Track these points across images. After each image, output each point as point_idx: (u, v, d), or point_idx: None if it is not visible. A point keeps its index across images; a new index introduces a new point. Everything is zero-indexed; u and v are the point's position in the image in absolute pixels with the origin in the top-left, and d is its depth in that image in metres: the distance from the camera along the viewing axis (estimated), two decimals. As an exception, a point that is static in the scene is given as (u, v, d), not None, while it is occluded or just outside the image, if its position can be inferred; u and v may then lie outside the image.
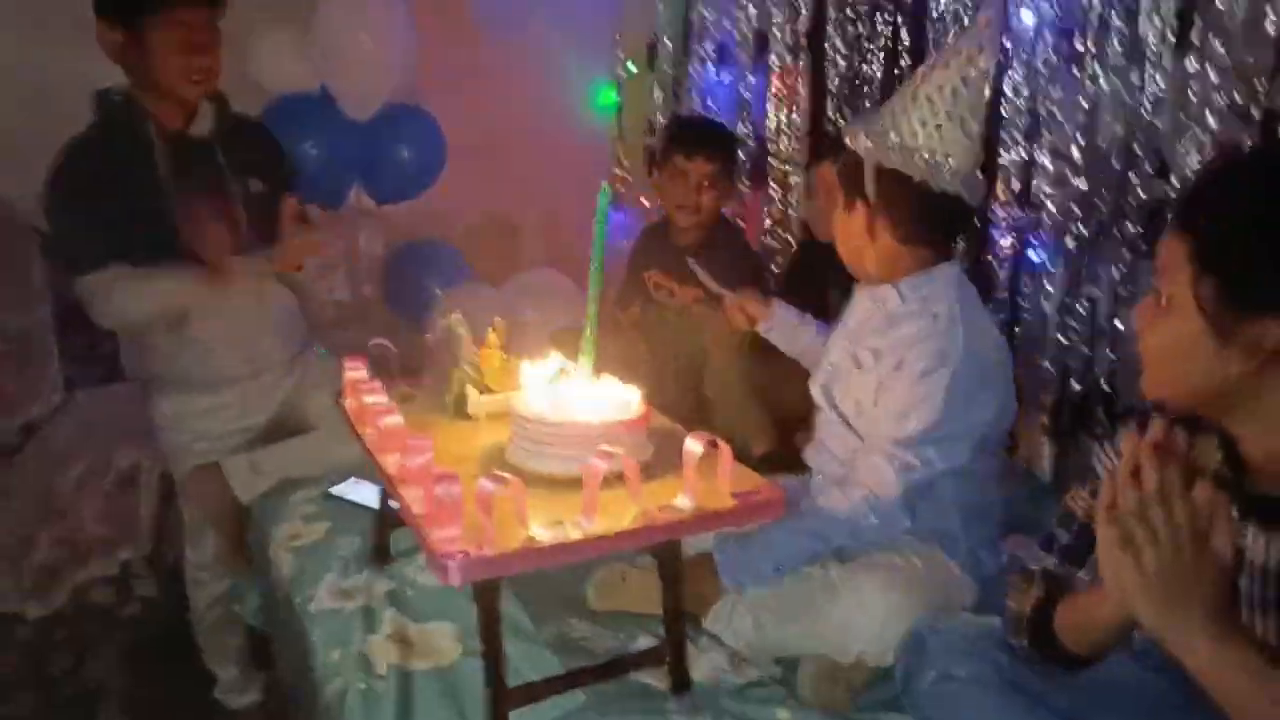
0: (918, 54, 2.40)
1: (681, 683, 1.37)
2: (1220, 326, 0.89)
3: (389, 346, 1.68)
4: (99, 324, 1.97)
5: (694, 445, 1.21)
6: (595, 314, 1.35)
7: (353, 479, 1.97)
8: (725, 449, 1.25)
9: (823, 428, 1.64)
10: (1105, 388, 1.99)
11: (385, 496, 1.65)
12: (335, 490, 1.95)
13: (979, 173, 1.50)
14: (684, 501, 1.21)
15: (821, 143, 2.66)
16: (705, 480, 1.23)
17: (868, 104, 2.59)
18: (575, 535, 1.13)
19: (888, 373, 1.48)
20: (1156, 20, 1.78)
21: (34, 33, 2.45)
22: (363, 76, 2.74)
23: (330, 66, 2.72)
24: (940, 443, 1.44)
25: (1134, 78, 1.82)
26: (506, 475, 1.10)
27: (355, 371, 1.54)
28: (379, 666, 1.41)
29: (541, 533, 1.12)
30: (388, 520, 1.68)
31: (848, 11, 2.59)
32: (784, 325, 1.84)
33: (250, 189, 2.02)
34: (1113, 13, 1.85)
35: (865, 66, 2.60)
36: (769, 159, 2.97)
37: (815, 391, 1.65)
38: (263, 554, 1.89)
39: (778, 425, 2.05)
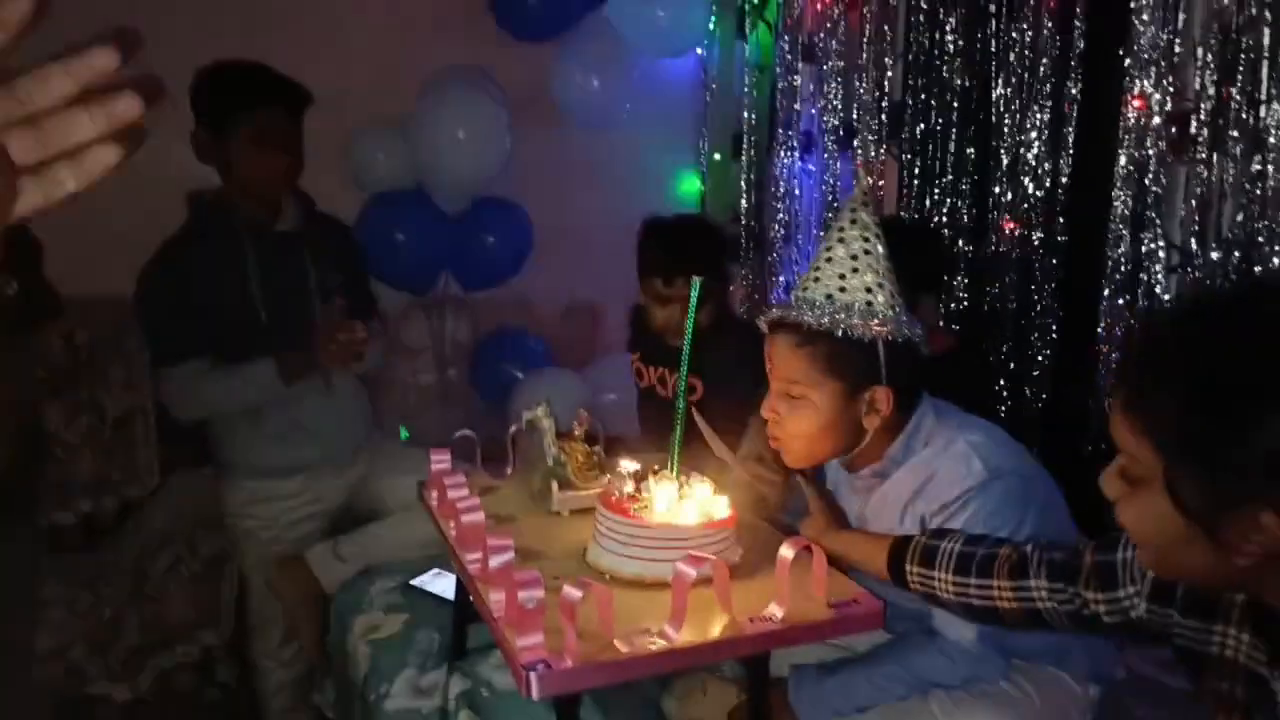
0: (984, 142, 2.35)
1: (770, 804, 1.28)
2: (1207, 525, 0.77)
3: (473, 437, 1.66)
4: (175, 415, 2.03)
5: (787, 551, 1.14)
6: (684, 410, 1.31)
7: (435, 570, 1.95)
8: (820, 554, 1.18)
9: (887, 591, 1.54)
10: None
11: (462, 589, 1.62)
12: (416, 582, 1.92)
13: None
14: (776, 611, 1.14)
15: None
16: (799, 587, 1.16)
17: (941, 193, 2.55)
18: (661, 647, 1.07)
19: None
20: (1278, 106, 1.70)
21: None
22: (457, 173, 2.83)
23: (426, 164, 2.81)
24: None
25: (1255, 165, 1.73)
26: (591, 582, 1.05)
27: (440, 463, 1.53)
28: (453, 774, 1.36)
29: (626, 643, 1.06)
30: (465, 614, 1.64)
31: (925, 100, 2.58)
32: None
33: (330, 282, 2.08)
34: (1232, 98, 1.77)
35: (938, 158, 2.56)
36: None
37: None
38: (341, 645, 1.86)
39: None
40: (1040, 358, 2.30)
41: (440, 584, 1.89)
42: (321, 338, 1.96)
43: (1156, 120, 1.90)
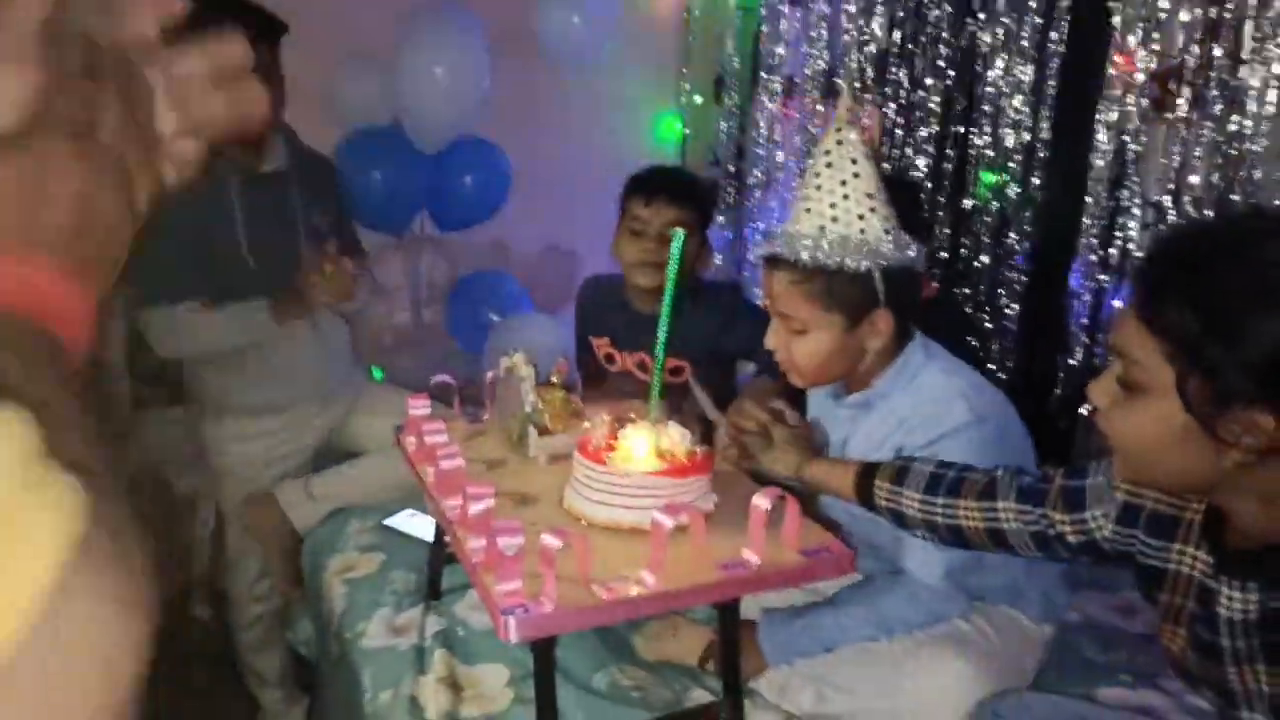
0: (968, 93, 2.35)
1: (739, 742, 1.32)
2: (1209, 425, 0.83)
3: (451, 383, 1.66)
4: (159, 353, 2.01)
5: (762, 500, 1.16)
6: (664, 358, 1.32)
7: (409, 510, 1.96)
8: (794, 503, 1.20)
9: (857, 533, 1.57)
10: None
11: (440, 531, 1.63)
12: (390, 522, 1.94)
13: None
14: (751, 557, 1.16)
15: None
16: (772, 535, 1.18)
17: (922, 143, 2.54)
18: (638, 592, 1.09)
19: None
20: (1259, 67, 1.70)
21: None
22: (436, 111, 2.77)
23: (405, 101, 2.75)
24: None
25: (1233, 125, 1.74)
26: (569, 530, 1.07)
27: (419, 409, 1.53)
28: (429, 711, 1.39)
29: (603, 589, 1.08)
30: (441, 555, 1.66)
31: (910, 47, 2.56)
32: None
33: (318, 223, 2.05)
34: (1213, 58, 1.77)
35: (924, 107, 2.55)
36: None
37: (840, 515, 1.55)
38: (315, 583, 1.88)
39: None
40: (1009, 310, 2.33)
41: (415, 525, 1.91)
42: (311, 276, 1.94)
43: (1140, 77, 1.91)
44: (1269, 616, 0.85)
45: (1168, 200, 1.88)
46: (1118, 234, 1.98)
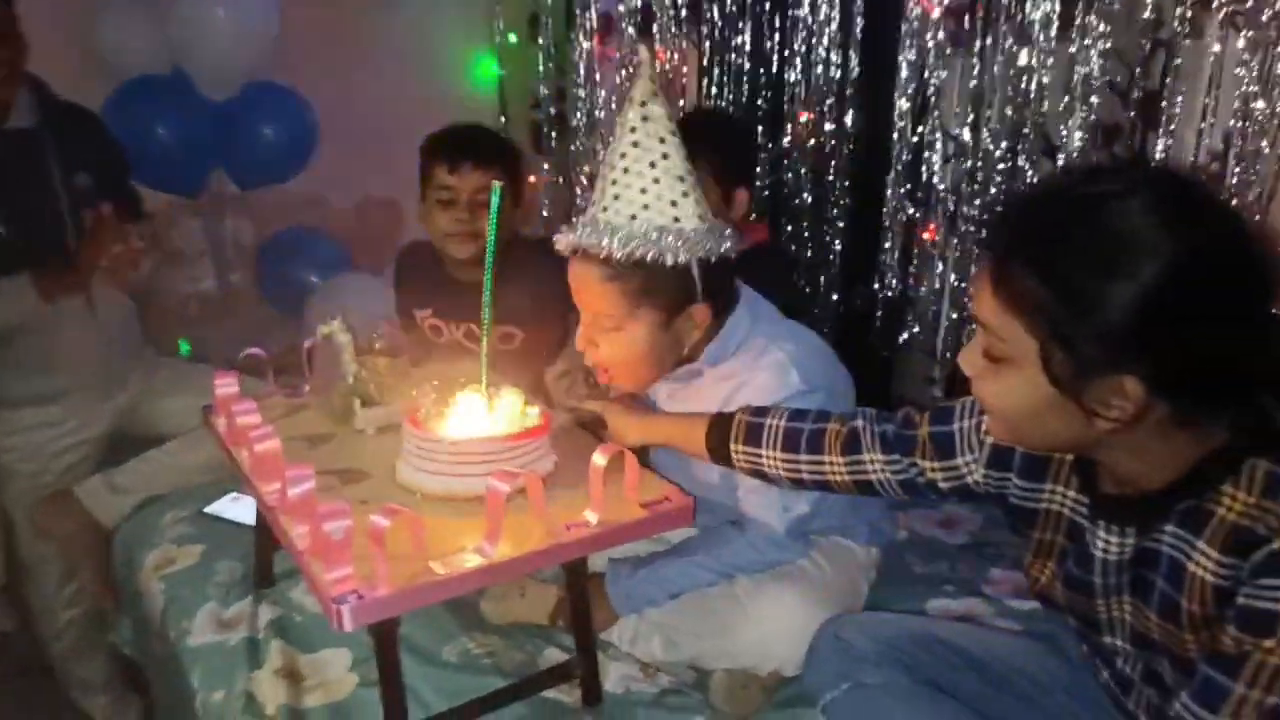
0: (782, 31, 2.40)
1: (594, 696, 1.32)
2: (1075, 394, 0.82)
3: (261, 355, 1.55)
4: None
5: (599, 458, 1.15)
6: (490, 321, 1.27)
7: (231, 494, 1.84)
8: (631, 457, 1.20)
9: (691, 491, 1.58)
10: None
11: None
12: (211, 509, 1.81)
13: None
14: (591, 516, 1.15)
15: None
16: (612, 491, 1.17)
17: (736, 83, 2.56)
18: (478, 563, 1.06)
19: None
20: (1043, 2, 1.79)
21: None
22: (220, 56, 2.54)
23: (184, 45, 2.51)
24: None
25: (1022, 59, 1.84)
26: (399, 507, 1.02)
27: (227, 387, 1.41)
28: (267, 707, 1.31)
29: (442, 564, 1.04)
30: (269, 539, 1.56)
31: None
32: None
33: (79, 184, 1.84)
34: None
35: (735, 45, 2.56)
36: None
37: (675, 474, 1.56)
38: (131, 582, 1.74)
39: None
40: (834, 245, 2.41)
41: (238, 509, 1.79)
42: (90, 250, 1.75)
43: (936, 13, 1.98)
44: (1140, 556, 0.89)
45: (966, 134, 1.98)
46: (923, 168, 2.07)
